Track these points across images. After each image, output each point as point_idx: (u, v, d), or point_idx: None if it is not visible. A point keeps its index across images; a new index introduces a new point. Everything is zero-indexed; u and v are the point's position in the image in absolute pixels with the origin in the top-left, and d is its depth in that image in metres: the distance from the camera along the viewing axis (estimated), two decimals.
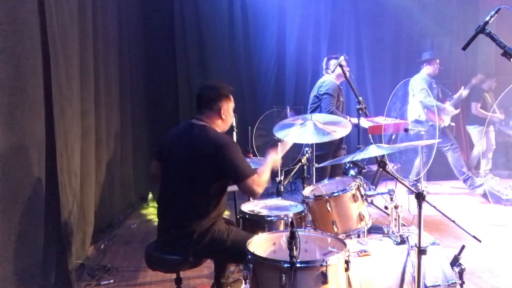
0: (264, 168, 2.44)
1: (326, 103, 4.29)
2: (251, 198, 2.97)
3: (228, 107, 2.47)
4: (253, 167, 2.38)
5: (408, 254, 2.20)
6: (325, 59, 4.60)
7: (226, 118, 2.46)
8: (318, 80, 4.59)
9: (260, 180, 2.34)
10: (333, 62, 4.45)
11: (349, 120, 4.25)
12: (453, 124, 5.94)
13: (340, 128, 3.42)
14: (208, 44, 6.41)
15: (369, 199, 2.76)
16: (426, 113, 5.43)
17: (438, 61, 5.60)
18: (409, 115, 5.59)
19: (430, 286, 2.11)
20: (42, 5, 2.70)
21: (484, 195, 5.36)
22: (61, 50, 2.99)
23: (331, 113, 4.25)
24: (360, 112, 3.76)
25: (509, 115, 6.12)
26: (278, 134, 3.15)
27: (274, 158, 2.58)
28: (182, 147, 2.38)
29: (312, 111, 4.44)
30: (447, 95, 5.89)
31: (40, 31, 2.69)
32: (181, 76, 6.38)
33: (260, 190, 2.33)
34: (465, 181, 5.47)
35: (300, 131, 3.22)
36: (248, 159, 3.53)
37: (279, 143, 2.89)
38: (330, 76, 4.45)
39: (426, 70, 5.54)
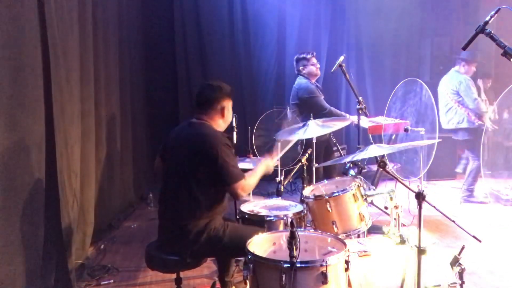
0: (253, 172, 2.47)
1: (319, 104, 4.25)
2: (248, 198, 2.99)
3: (229, 106, 2.54)
4: (243, 169, 2.41)
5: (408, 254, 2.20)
6: (294, 60, 4.49)
7: (227, 116, 2.53)
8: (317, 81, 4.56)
9: (246, 184, 2.36)
10: (302, 63, 4.38)
11: (349, 118, 4.26)
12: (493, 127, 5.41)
13: (339, 122, 3.46)
14: (208, 44, 6.41)
15: (369, 199, 2.77)
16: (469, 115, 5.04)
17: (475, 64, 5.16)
18: (454, 121, 5.19)
19: (430, 286, 2.11)
20: (42, 5, 2.70)
21: (485, 196, 5.35)
22: (61, 50, 2.99)
23: (329, 110, 4.24)
24: (360, 112, 3.76)
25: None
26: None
27: (267, 163, 2.60)
28: (180, 147, 2.41)
29: (297, 117, 4.37)
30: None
31: (40, 31, 2.69)
32: (181, 76, 6.38)
33: (244, 194, 2.38)
34: (467, 190, 5.25)
35: (304, 131, 3.27)
36: (248, 159, 3.54)
37: (278, 143, 2.89)
38: (303, 78, 4.38)
39: (462, 69, 5.13)
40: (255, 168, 2.53)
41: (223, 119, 2.52)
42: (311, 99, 4.27)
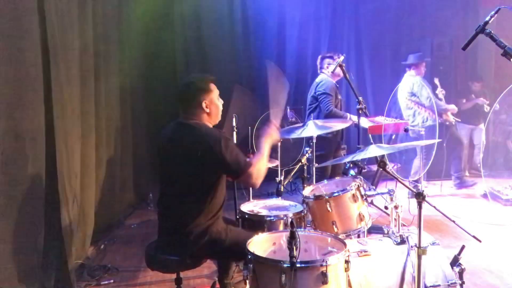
0: (260, 156, 2.37)
1: (325, 103, 4.29)
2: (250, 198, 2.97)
3: (211, 99, 2.39)
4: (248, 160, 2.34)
5: (408, 254, 2.20)
6: (319, 58, 4.57)
7: (211, 110, 2.39)
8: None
9: (256, 171, 2.28)
10: (327, 61, 4.46)
11: (350, 118, 4.26)
12: (456, 120, 5.72)
13: (339, 123, 3.47)
14: (208, 44, 6.41)
15: (369, 199, 2.77)
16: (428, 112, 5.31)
17: (424, 63, 5.50)
18: (418, 121, 5.40)
19: (430, 286, 2.11)
20: (42, 4, 2.70)
21: (484, 195, 5.36)
22: (61, 50, 2.99)
23: (330, 112, 4.26)
24: (360, 112, 3.76)
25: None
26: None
27: (271, 135, 2.48)
28: (175, 148, 2.35)
29: (311, 112, 4.43)
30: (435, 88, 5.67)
31: (40, 31, 2.69)
32: (181, 76, 6.37)
33: (258, 181, 2.31)
34: (457, 178, 5.64)
35: (303, 131, 3.27)
36: (248, 159, 3.54)
37: (271, 112, 2.74)
38: (326, 75, 4.45)
39: (413, 73, 5.41)
40: (260, 150, 2.41)
41: (208, 114, 2.39)
42: (322, 95, 4.31)
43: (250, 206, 2.86)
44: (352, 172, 3.24)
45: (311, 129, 3.33)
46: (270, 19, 6.50)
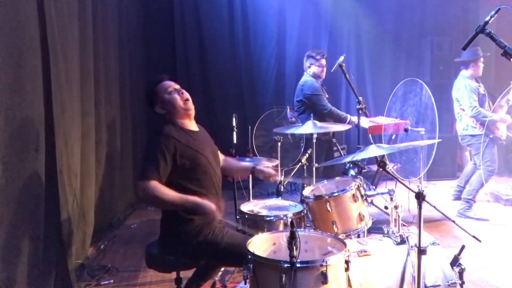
0: (173, 194, 2.19)
1: (320, 103, 4.27)
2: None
3: (162, 99, 2.46)
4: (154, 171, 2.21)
5: (408, 254, 2.20)
6: (305, 55, 4.51)
7: (168, 109, 2.46)
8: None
9: (151, 192, 2.15)
10: (309, 61, 4.41)
11: (350, 119, 4.26)
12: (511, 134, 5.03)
13: (338, 125, 3.47)
14: (208, 44, 6.42)
15: (369, 199, 2.77)
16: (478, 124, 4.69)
17: (481, 59, 4.75)
18: (459, 128, 4.92)
19: (430, 286, 2.11)
20: (41, 5, 2.70)
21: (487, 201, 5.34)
22: (61, 50, 2.99)
23: (329, 110, 4.25)
24: (360, 112, 3.76)
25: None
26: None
27: (202, 207, 2.21)
28: None
29: (300, 115, 4.39)
30: (493, 98, 4.93)
31: (40, 31, 2.69)
32: (181, 76, 6.38)
33: (144, 198, 2.23)
34: (467, 201, 4.76)
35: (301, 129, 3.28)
36: (247, 159, 3.53)
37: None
38: (307, 76, 4.41)
39: (467, 73, 4.77)
40: (184, 196, 2.22)
41: (170, 113, 2.46)
42: (314, 97, 4.30)
43: (250, 206, 2.86)
44: (352, 172, 3.24)
45: (307, 128, 3.33)
46: (270, 19, 6.50)
